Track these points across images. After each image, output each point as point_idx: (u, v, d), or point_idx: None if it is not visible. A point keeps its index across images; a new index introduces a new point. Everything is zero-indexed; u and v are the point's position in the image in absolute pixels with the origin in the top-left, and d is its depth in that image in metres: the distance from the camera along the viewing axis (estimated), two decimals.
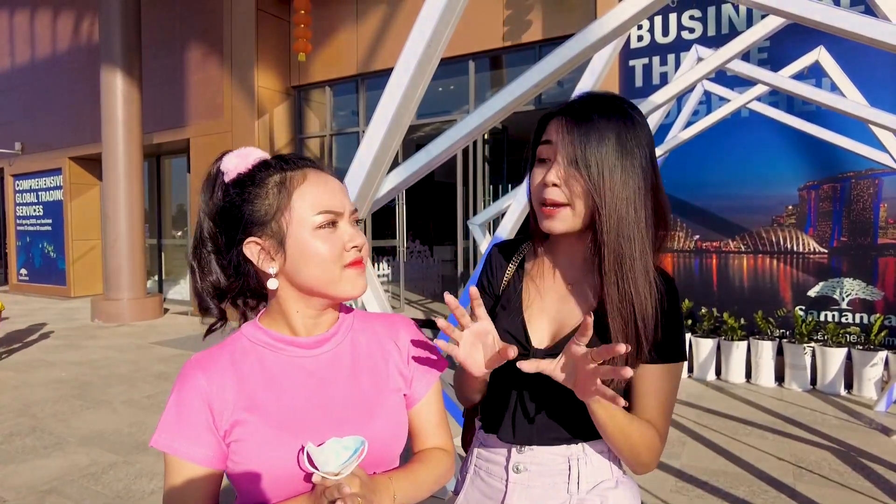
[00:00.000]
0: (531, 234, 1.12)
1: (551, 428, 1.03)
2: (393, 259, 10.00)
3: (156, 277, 11.42)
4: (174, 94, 9.85)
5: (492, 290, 1.15)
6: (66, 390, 5.06)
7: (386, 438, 0.91)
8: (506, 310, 1.09)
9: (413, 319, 1.13)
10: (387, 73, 7.90)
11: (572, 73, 2.57)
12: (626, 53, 5.92)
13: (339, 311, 0.97)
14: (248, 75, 8.75)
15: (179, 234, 11.18)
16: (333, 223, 0.86)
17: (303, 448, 0.82)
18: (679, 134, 4.47)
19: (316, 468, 0.79)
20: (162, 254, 11.41)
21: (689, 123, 4.67)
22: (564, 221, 0.98)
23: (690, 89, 4.09)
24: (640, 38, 5.91)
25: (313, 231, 0.84)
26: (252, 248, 0.87)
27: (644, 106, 3.18)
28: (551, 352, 1.01)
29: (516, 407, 1.05)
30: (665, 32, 5.81)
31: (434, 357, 1.02)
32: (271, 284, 0.87)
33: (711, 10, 5.59)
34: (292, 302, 0.89)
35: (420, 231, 13.34)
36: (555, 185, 0.97)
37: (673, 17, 5.76)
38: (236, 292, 0.93)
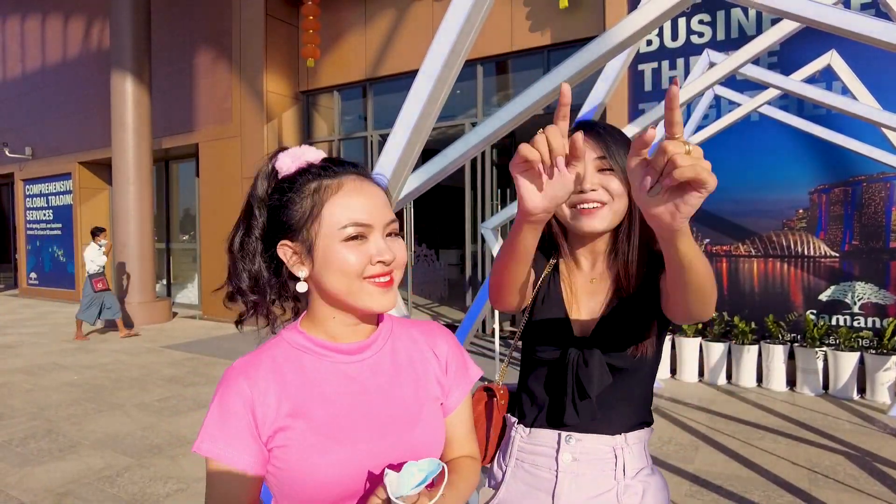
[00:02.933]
0: (554, 235, 1.20)
1: (606, 417, 1.11)
2: None
3: (164, 281, 11.48)
4: (183, 99, 9.92)
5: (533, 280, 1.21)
6: (79, 394, 5.10)
7: (426, 447, 0.91)
8: (545, 304, 1.18)
9: None
10: (395, 77, 7.97)
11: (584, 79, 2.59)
12: (636, 58, 5.92)
13: (377, 317, 0.97)
14: (257, 80, 8.80)
15: (187, 237, 11.24)
16: (363, 236, 0.85)
17: (382, 471, 0.81)
18: (689, 138, 4.47)
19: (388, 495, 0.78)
20: (170, 258, 11.47)
21: (699, 128, 4.67)
22: (605, 219, 1.08)
23: (701, 94, 4.10)
24: (649, 43, 5.91)
25: (341, 242, 0.84)
26: (285, 251, 0.88)
27: (655, 111, 3.19)
28: (594, 338, 1.11)
29: (569, 399, 1.10)
30: (674, 37, 5.82)
31: (469, 367, 1.03)
32: (300, 287, 0.88)
33: (721, 15, 5.60)
34: (326, 308, 0.90)
35: (427, 235, 13.36)
36: (592, 189, 1.07)
37: (682, 21, 5.77)
38: (275, 289, 0.93)
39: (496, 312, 4.27)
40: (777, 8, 2.12)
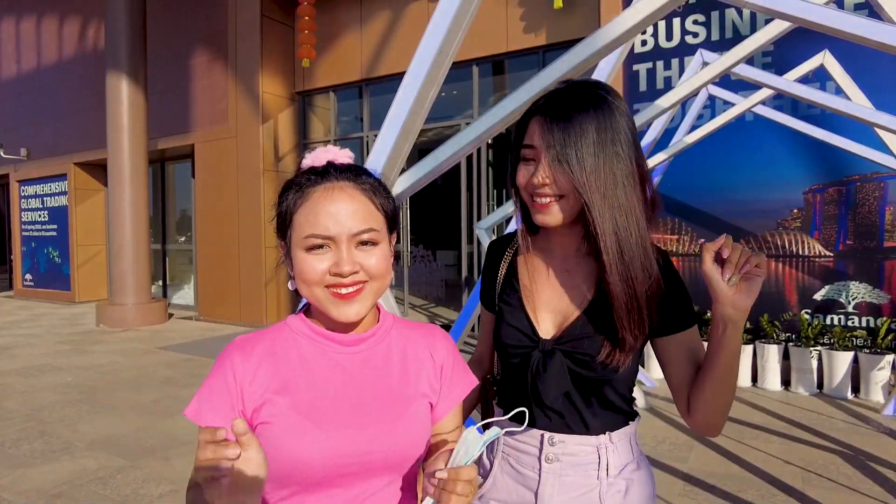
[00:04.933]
0: (521, 229, 1.15)
1: (581, 421, 1.09)
2: (397, 264, 10.02)
3: (160, 282, 11.45)
4: (179, 101, 9.90)
5: (492, 280, 1.21)
6: (74, 395, 5.08)
7: (408, 442, 0.92)
8: (508, 305, 1.14)
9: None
10: (391, 78, 7.98)
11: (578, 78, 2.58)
12: (630, 58, 5.93)
13: (378, 314, 1.00)
14: (253, 81, 8.79)
15: (183, 238, 11.22)
16: (323, 246, 0.87)
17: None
18: (684, 138, 4.47)
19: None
20: (166, 259, 11.44)
21: (693, 128, 4.67)
22: (557, 215, 1.03)
23: (695, 94, 4.11)
24: (643, 43, 5.92)
25: (303, 251, 0.88)
26: (281, 250, 0.94)
27: (649, 111, 3.19)
28: (559, 342, 1.06)
29: (535, 381, 1.08)
30: (669, 37, 5.83)
31: (465, 375, 1.03)
32: (290, 285, 0.92)
33: (715, 15, 5.61)
34: None
35: (423, 236, 13.35)
36: (544, 184, 1.01)
37: (677, 21, 5.78)
38: None
39: None
40: (769, 7, 2.12)
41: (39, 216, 12.75)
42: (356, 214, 0.88)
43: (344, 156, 0.93)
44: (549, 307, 1.10)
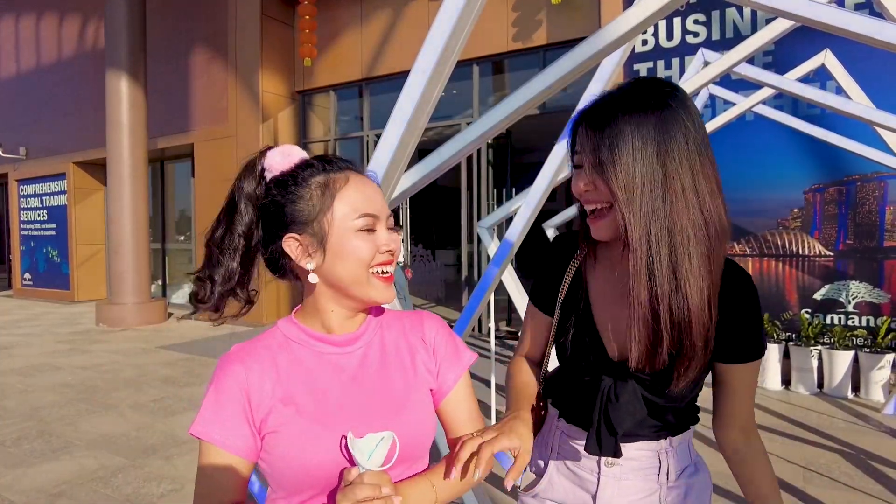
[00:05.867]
0: (582, 238, 1.10)
1: (641, 427, 1.05)
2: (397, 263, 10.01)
3: (160, 282, 11.44)
4: (178, 99, 9.89)
5: (554, 283, 1.13)
6: (73, 394, 5.07)
7: (414, 432, 0.92)
8: (575, 317, 1.08)
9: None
10: (391, 77, 7.97)
11: (579, 77, 2.58)
12: (632, 58, 5.93)
13: (368, 310, 1.00)
14: (253, 80, 8.79)
15: (183, 238, 11.20)
16: (371, 227, 0.88)
17: (343, 437, 0.85)
18: None
19: (350, 460, 0.83)
20: (166, 258, 11.43)
21: None
22: (609, 228, 0.97)
23: (695, 93, 4.10)
24: (644, 43, 5.92)
25: (355, 233, 0.87)
26: (291, 245, 0.89)
27: None
28: (623, 371, 1.01)
29: (593, 429, 1.04)
30: (670, 37, 5.83)
31: (460, 350, 1.03)
32: (312, 278, 0.90)
33: (716, 14, 5.61)
34: (328, 300, 0.92)
35: (423, 235, 13.35)
36: (586, 191, 0.98)
37: (677, 21, 5.78)
38: (242, 286, 0.95)
39: (492, 312, 4.27)
40: (771, 6, 2.12)
41: (38, 215, 12.73)
42: (383, 198, 0.92)
43: (304, 154, 0.95)
44: (615, 326, 1.04)
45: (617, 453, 1.03)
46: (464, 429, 1.01)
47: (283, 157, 0.92)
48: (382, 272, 0.90)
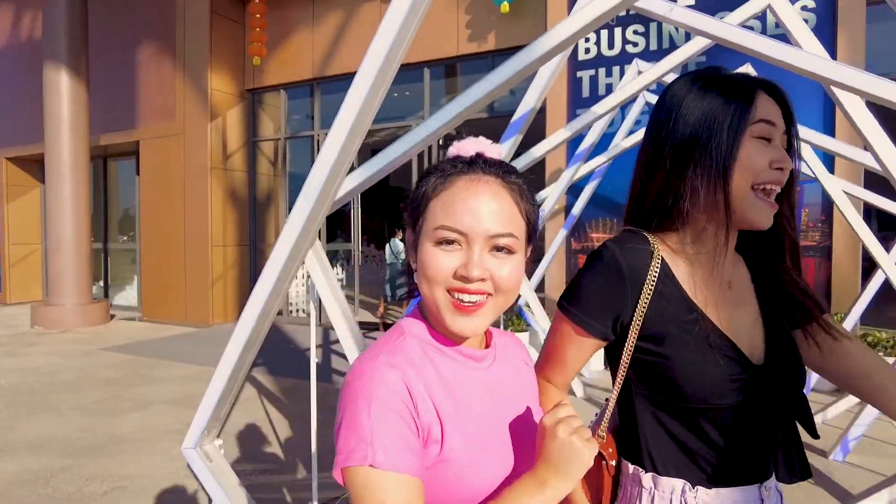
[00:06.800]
0: (669, 216, 0.94)
1: (741, 469, 0.90)
2: (347, 263, 10.03)
3: (101, 283, 11.07)
4: (123, 95, 9.62)
5: (618, 303, 0.91)
6: (10, 397, 4.91)
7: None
8: (687, 325, 0.88)
9: None
10: (342, 77, 8.01)
11: (524, 82, 2.74)
12: (575, 65, 6.18)
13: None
14: (202, 77, 8.65)
15: (126, 237, 10.89)
16: (454, 242, 0.75)
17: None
18: (621, 142, 4.72)
19: None
20: (108, 258, 11.08)
21: (631, 132, 4.93)
22: (774, 212, 0.90)
23: (632, 100, 4.35)
24: (587, 51, 6.18)
25: (432, 244, 0.76)
26: (407, 236, 0.83)
27: (586, 116, 3.39)
28: (772, 368, 0.90)
29: (700, 449, 0.89)
30: (611, 46, 6.11)
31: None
32: (416, 276, 0.80)
33: (653, 26, 5.92)
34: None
35: (375, 235, 13.39)
36: (779, 168, 0.87)
37: (618, 31, 6.07)
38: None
39: None
40: (690, 25, 2.34)
41: None
42: (498, 215, 0.76)
43: (495, 150, 0.81)
44: (736, 327, 0.91)
45: (719, 483, 0.88)
46: None
47: (456, 148, 0.82)
48: (462, 300, 0.75)
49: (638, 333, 0.89)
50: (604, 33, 6.11)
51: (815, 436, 0.88)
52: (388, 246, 8.67)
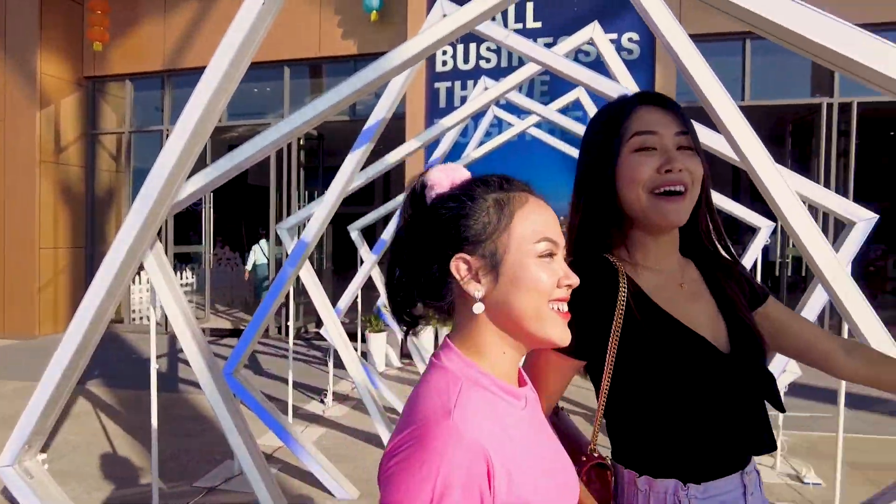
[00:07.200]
0: (608, 237, 1.02)
1: (725, 460, 0.96)
2: (198, 266, 9.52)
3: None
4: None
5: (596, 322, 0.94)
6: None
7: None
8: (659, 327, 0.94)
9: None
10: (195, 71, 7.63)
11: (382, 89, 2.88)
12: (432, 77, 6.47)
13: None
14: (30, 60, 7.77)
15: None
16: (552, 254, 0.77)
17: None
18: (471, 152, 5.05)
19: None
20: None
21: (481, 142, 5.28)
22: (688, 210, 0.95)
23: (482, 113, 4.67)
24: (444, 64, 6.50)
25: (534, 258, 0.76)
26: (459, 265, 0.76)
27: (436, 127, 3.61)
28: (739, 357, 0.95)
29: (687, 445, 0.94)
30: (466, 60, 6.47)
31: None
32: (477, 308, 0.76)
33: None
34: (496, 338, 0.78)
35: (230, 236, 12.79)
36: (680, 169, 0.92)
37: (473, 47, 6.45)
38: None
39: (292, 312, 4.39)
40: (524, 52, 2.63)
41: None
42: (560, 227, 0.81)
43: (467, 174, 0.83)
44: (698, 321, 0.96)
45: (706, 477, 0.93)
46: None
47: (446, 173, 0.81)
48: (560, 308, 0.78)
49: (616, 349, 0.93)
50: (460, 48, 6.46)
51: (782, 410, 0.98)
52: (254, 249, 8.41)
